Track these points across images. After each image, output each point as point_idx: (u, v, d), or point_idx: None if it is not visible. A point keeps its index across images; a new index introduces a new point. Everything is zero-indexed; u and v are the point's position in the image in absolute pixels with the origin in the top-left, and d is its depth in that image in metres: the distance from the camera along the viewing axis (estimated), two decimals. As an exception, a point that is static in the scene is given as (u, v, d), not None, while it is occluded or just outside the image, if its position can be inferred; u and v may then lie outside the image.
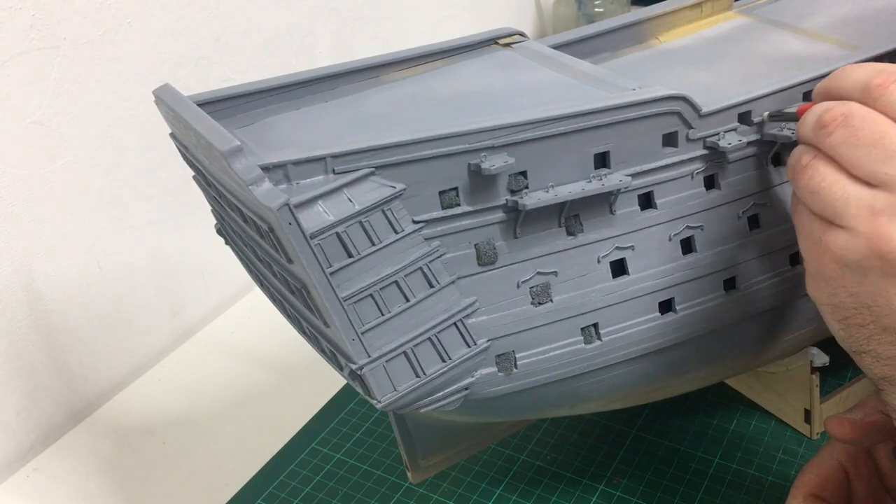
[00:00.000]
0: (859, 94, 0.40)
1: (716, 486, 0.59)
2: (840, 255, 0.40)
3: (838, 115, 0.40)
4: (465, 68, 0.51)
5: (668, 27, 0.58)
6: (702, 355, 0.50)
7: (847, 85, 0.41)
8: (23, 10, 0.64)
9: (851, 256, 0.40)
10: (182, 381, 0.77)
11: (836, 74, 0.42)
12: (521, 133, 0.41)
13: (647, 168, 0.45)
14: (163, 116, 0.44)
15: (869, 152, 0.39)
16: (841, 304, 0.41)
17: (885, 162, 0.38)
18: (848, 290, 0.41)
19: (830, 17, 0.58)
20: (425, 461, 0.54)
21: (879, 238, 0.38)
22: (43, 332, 0.71)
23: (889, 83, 0.39)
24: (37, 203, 0.69)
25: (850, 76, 0.41)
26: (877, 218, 0.38)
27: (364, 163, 0.39)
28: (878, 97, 0.39)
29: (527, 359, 0.45)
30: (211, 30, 0.80)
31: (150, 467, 0.68)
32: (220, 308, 0.87)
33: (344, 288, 0.39)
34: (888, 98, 0.39)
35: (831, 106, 0.41)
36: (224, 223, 0.49)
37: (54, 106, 0.68)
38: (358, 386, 0.43)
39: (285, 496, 0.62)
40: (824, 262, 0.41)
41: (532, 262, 0.44)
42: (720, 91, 0.48)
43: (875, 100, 0.39)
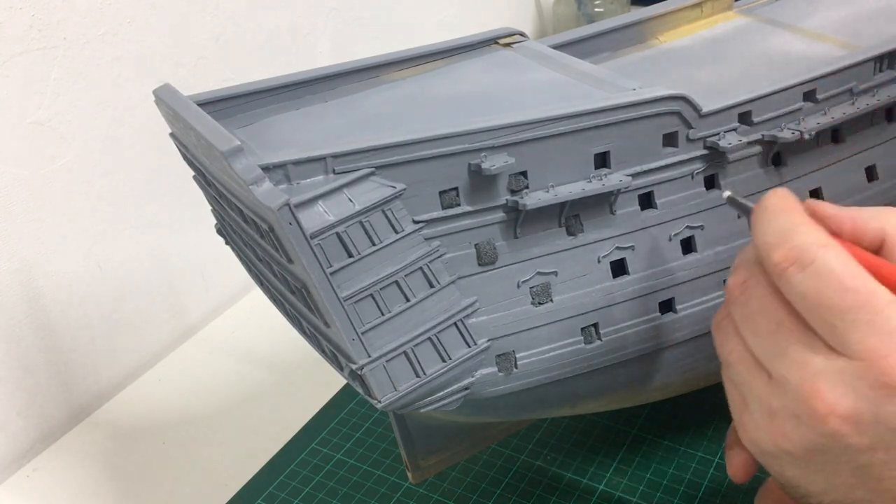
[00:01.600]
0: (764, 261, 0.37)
1: (716, 486, 0.59)
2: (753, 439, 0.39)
3: (738, 284, 0.38)
4: (465, 68, 0.51)
5: (668, 27, 0.58)
6: (702, 355, 0.50)
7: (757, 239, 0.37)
8: (23, 10, 0.64)
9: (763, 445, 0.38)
10: (182, 381, 0.77)
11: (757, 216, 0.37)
12: (521, 133, 0.41)
13: (647, 168, 0.45)
14: (163, 116, 0.44)
15: (763, 342, 0.37)
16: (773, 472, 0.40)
17: (776, 358, 0.36)
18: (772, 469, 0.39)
19: (830, 17, 0.58)
20: (425, 461, 0.54)
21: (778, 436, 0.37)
22: (43, 332, 0.71)
23: (787, 264, 0.35)
24: (37, 203, 0.69)
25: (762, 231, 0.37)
26: (773, 417, 0.37)
27: (364, 163, 0.39)
28: (778, 278, 0.36)
29: (527, 359, 0.45)
30: (211, 30, 0.80)
31: (150, 467, 0.68)
32: (220, 308, 0.87)
33: (344, 288, 0.39)
34: (787, 284, 0.35)
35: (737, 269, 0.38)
36: (224, 223, 0.49)
37: (54, 106, 0.68)
38: (358, 386, 0.43)
39: (285, 496, 0.62)
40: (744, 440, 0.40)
41: (532, 262, 0.44)
42: (720, 91, 0.48)
43: (777, 279, 0.36)
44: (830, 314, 0.35)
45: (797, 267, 0.35)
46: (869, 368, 0.34)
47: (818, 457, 0.36)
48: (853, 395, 0.34)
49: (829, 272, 0.35)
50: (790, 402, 0.36)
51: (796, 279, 0.35)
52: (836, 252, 0.35)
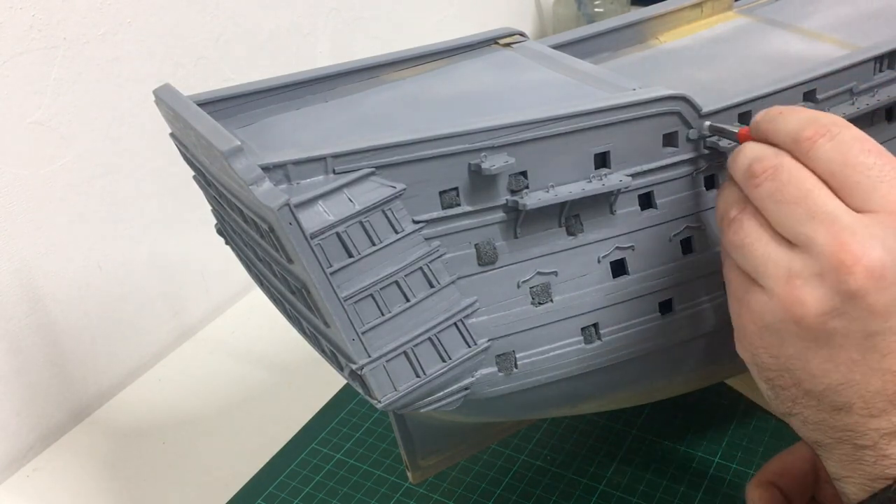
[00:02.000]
0: (790, 144, 0.39)
1: (716, 485, 0.59)
2: (758, 317, 0.39)
3: (768, 168, 0.39)
4: (465, 68, 0.51)
5: (668, 27, 0.58)
6: (703, 355, 0.50)
7: (781, 133, 0.40)
8: (23, 10, 0.64)
9: (769, 318, 0.39)
10: (182, 381, 0.77)
11: (773, 116, 0.40)
12: (521, 133, 0.41)
13: (647, 168, 0.45)
14: (163, 116, 0.44)
15: (791, 210, 0.38)
16: (763, 364, 0.41)
17: (804, 223, 0.37)
18: (768, 351, 0.40)
19: (830, 17, 0.58)
20: (425, 461, 0.54)
21: (794, 302, 0.37)
22: (43, 331, 0.71)
23: (817, 137, 0.38)
24: (37, 203, 0.69)
25: (785, 123, 0.40)
26: (792, 281, 0.37)
27: (364, 163, 0.39)
28: (807, 151, 0.38)
29: (527, 359, 0.45)
30: (211, 30, 0.80)
31: (150, 467, 0.68)
32: (220, 308, 0.87)
33: (344, 288, 0.39)
34: (815, 154, 0.38)
35: (763, 156, 0.39)
36: (224, 223, 0.49)
37: (54, 106, 0.68)
38: (358, 386, 0.43)
39: (285, 496, 0.62)
40: (745, 322, 0.40)
41: (532, 262, 0.44)
42: (720, 91, 0.48)
43: (804, 154, 0.38)
44: (856, 172, 0.37)
45: (826, 138, 0.38)
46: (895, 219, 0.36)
47: (832, 322, 0.37)
48: (880, 246, 0.36)
49: (853, 139, 0.38)
50: (814, 262, 0.37)
51: (825, 148, 0.38)
52: (855, 128, 0.39)
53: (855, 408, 0.38)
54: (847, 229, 0.36)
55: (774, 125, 0.40)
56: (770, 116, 0.41)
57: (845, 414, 0.38)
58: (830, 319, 0.37)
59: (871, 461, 0.38)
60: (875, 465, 0.38)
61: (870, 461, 0.38)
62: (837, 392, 0.38)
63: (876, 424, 0.38)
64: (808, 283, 0.37)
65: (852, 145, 0.38)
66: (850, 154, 0.37)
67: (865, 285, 0.36)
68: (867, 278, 0.36)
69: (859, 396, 0.38)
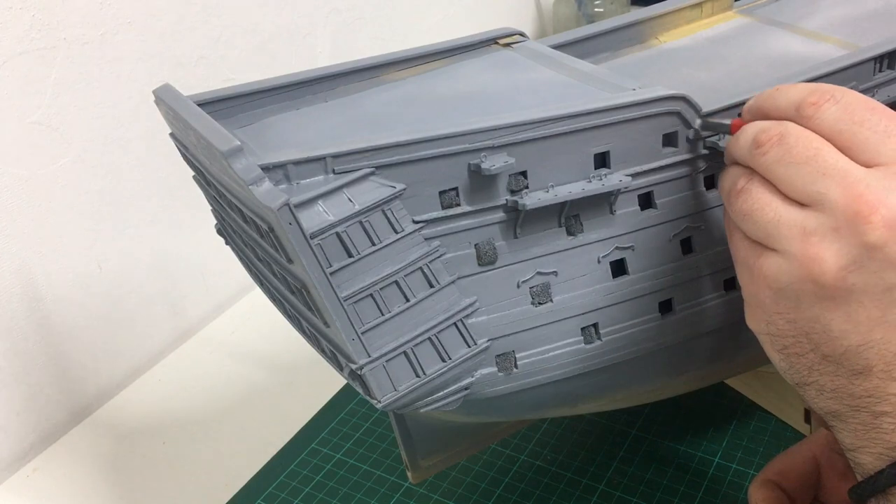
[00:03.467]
0: (793, 113, 0.39)
1: (716, 486, 0.59)
2: (773, 280, 0.39)
3: (774, 135, 0.39)
4: (465, 68, 0.51)
5: (668, 27, 0.58)
6: (703, 355, 0.50)
7: (782, 104, 0.40)
8: (23, 10, 0.64)
9: (785, 280, 0.39)
10: (182, 381, 0.77)
11: (769, 94, 0.41)
12: (521, 133, 0.41)
13: (647, 168, 0.45)
14: (163, 116, 0.44)
15: (801, 170, 0.38)
16: (779, 332, 0.40)
17: (816, 180, 0.37)
18: (784, 316, 0.40)
19: (830, 17, 0.58)
20: (425, 461, 0.54)
21: (811, 260, 0.37)
22: (43, 332, 0.71)
23: (823, 102, 0.38)
24: (37, 203, 0.69)
25: (785, 95, 0.40)
26: (808, 239, 0.37)
27: (364, 163, 0.39)
28: (812, 115, 0.39)
29: (527, 359, 0.45)
30: (211, 30, 0.80)
31: (150, 467, 0.68)
32: (220, 308, 0.87)
33: (344, 288, 0.39)
34: (821, 116, 0.38)
35: (767, 126, 0.40)
36: (224, 223, 0.49)
37: (54, 106, 0.68)
38: (358, 386, 0.43)
39: (285, 496, 0.62)
40: (759, 289, 0.40)
41: (532, 262, 0.44)
42: (720, 91, 0.48)
43: (809, 118, 0.39)
44: (864, 129, 0.38)
45: (831, 101, 0.39)
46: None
47: (851, 277, 0.37)
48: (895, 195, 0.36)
49: (857, 99, 0.39)
50: (829, 217, 0.37)
51: (831, 110, 0.38)
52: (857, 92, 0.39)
53: (875, 370, 0.38)
54: (861, 181, 0.36)
55: (774, 100, 0.40)
56: (767, 94, 0.41)
57: (864, 378, 0.38)
58: (850, 274, 0.37)
59: (889, 429, 0.38)
60: (894, 432, 0.38)
61: (888, 429, 0.38)
62: (857, 354, 0.38)
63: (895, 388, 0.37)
64: (824, 238, 0.37)
65: (857, 105, 0.38)
66: (856, 112, 0.38)
67: (884, 235, 0.36)
68: (885, 227, 0.36)
69: (880, 357, 0.37)
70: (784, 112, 0.40)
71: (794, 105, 0.39)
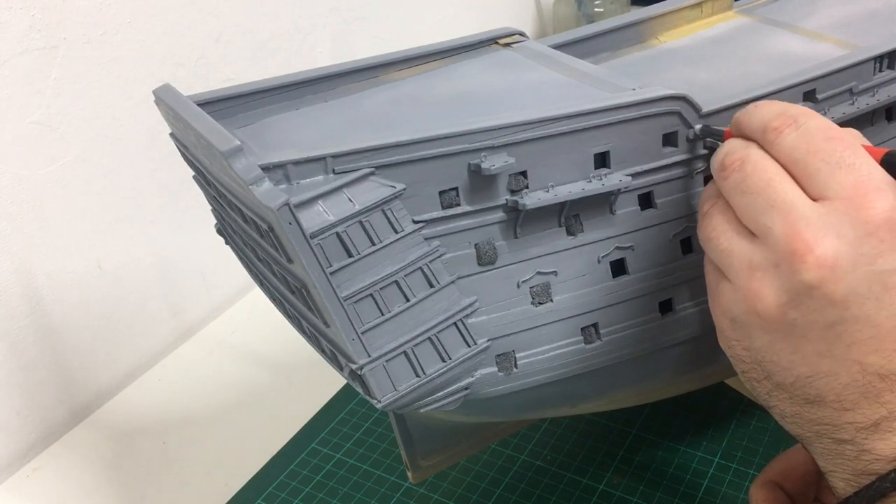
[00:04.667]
0: (759, 135, 0.39)
1: (716, 486, 0.59)
2: (727, 309, 0.40)
3: (736, 160, 0.39)
4: (465, 68, 0.51)
5: (668, 27, 0.58)
6: (703, 355, 0.50)
7: (753, 124, 0.40)
8: (23, 10, 0.64)
9: (735, 311, 0.39)
10: (182, 381, 0.77)
11: (747, 110, 0.41)
12: (521, 133, 0.41)
13: (647, 168, 0.45)
14: (163, 116, 0.44)
15: (754, 200, 0.38)
16: (738, 357, 0.41)
17: (765, 212, 0.37)
18: (740, 343, 0.40)
19: (830, 17, 0.58)
20: (425, 461, 0.54)
21: (754, 295, 0.37)
22: (43, 332, 0.71)
23: (784, 127, 0.38)
24: (37, 203, 0.69)
25: (757, 115, 0.40)
26: (753, 274, 0.37)
27: (364, 163, 0.39)
28: (773, 140, 0.38)
29: (527, 359, 0.45)
30: (211, 30, 0.80)
31: (150, 467, 0.68)
32: (220, 308, 0.87)
33: (344, 288, 0.39)
34: (781, 143, 0.38)
35: (733, 149, 0.40)
36: (224, 223, 0.49)
37: (54, 106, 0.68)
38: (358, 386, 0.43)
39: (285, 496, 0.62)
40: (717, 315, 0.41)
41: (532, 261, 0.44)
42: (720, 91, 0.48)
43: (770, 143, 0.38)
44: (815, 158, 0.37)
45: (792, 128, 0.38)
46: (850, 206, 0.36)
47: (792, 313, 0.37)
48: (833, 234, 0.36)
49: (817, 127, 0.38)
50: (771, 252, 0.37)
51: (791, 136, 0.38)
52: (823, 118, 0.39)
53: (827, 400, 0.38)
54: (802, 218, 0.36)
55: (748, 119, 0.40)
56: (746, 110, 0.41)
57: (818, 407, 0.38)
58: (789, 311, 0.37)
59: (852, 456, 0.38)
60: (857, 459, 0.38)
61: (851, 456, 0.38)
62: (807, 384, 0.38)
63: (850, 418, 0.37)
64: (766, 274, 0.37)
65: (816, 133, 0.37)
66: (813, 141, 0.37)
67: (818, 275, 0.35)
68: (819, 268, 0.35)
69: (829, 389, 0.37)
70: (754, 133, 0.40)
71: (761, 128, 0.39)
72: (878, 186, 0.36)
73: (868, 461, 0.37)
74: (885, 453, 0.37)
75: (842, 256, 0.35)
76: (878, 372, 0.36)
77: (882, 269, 0.35)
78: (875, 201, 0.35)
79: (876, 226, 0.35)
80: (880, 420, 0.37)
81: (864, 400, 0.37)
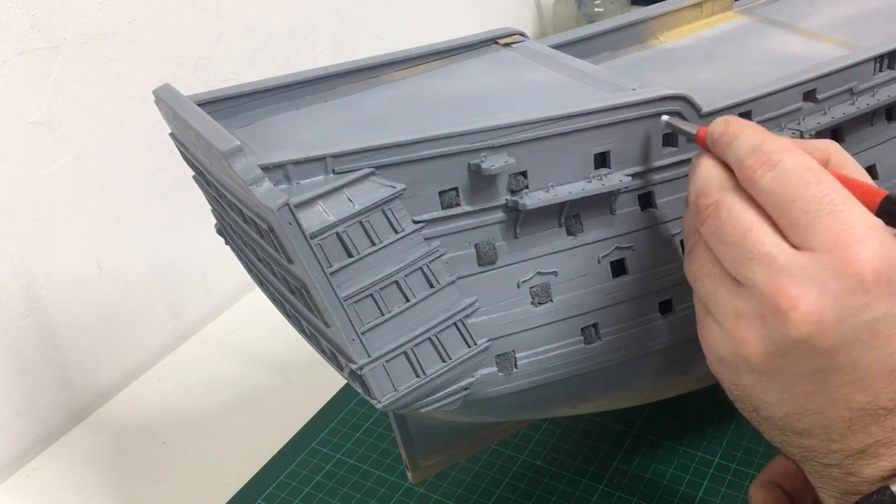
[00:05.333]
0: (736, 170, 0.38)
1: (716, 486, 0.59)
2: (713, 347, 0.40)
3: (710, 204, 0.38)
4: (465, 68, 0.51)
5: (668, 27, 0.58)
6: (703, 354, 0.50)
7: (729, 157, 0.39)
8: (23, 10, 0.64)
9: (721, 350, 0.39)
10: (182, 381, 0.77)
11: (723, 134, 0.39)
12: (521, 133, 0.41)
13: (647, 168, 0.45)
14: (163, 116, 0.44)
15: (732, 251, 0.37)
16: (726, 388, 0.41)
17: (745, 263, 0.36)
18: (727, 378, 0.40)
19: (830, 17, 0.58)
20: (425, 461, 0.54)
21: (740, 341, 0.37)
22: (43, 332, 0.71)
23: (757, 167, 0.37)
24: (37, 203, 0.69)
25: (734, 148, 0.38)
26: (738, 321, 0.37)
27: (364, 163, 0.39)
28: (748, 180, 0.37)
29: (527, 359, 0.45)
30: (211, 30, 0.80)
31: (150, 467, 0.68)
32: (220, 308, 0.87)
33: (344, 288, 0.39)
34: (756, 186, 0.37)
35: (706, 190, 0.39)
36: (224, 223, 0.49)
37: (54, 106, 0.68)
38: (358, 386, 0.43)
39: (285, 496, 0.62)
40: (704, 348, 0.41)
41: (532, 262, 0.44)
42: (720, 91, 0.48)
43: (746, 182, 0.37)
44: (794, 207, 0.36)
45: (766, 167, 0.37)
46: (832, 259, 0.35)
47: (779, 361, 0.37)
48: (817, 289, 0.35)
49: (793, 168, 0.36)
50: (755, 303, 0.36)
51: (765, 178, 0.36)
52: (800, 154, 0.37)
53: (815, 433, 0.38)
54: (783, 271, 0.35)
55: (724, 147, 0.39)
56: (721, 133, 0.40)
57: (807, 438, 0.38)
58: (776, 359, 0.37)
59: (839, 477, 0.38)
60: (844, 481, 0.38)
61: (838, 477, 0.38)
62: (796, 420, 0.38)
63: (837, 447, 0.38)
64: (752, 323, 0.37)
65: (791, 176, 0.36)
66: (789, 187, 0.36)
67: (804, 330, 0.35)
68: (805, 323, 0.35)
69: (817, 423, 0.38)
70: (727, 161, 0.39)
71: (736, 164, 0.38)
72: (860, 236, 0.35)
73: (854, 483, 0.38)
74: (870, 476, 0.37)
75: (827, 311, 0.35)
76: (864, 408, 0.36)
77: (869, 319, 0.35)
78: (858, 253, 0.34)
79: (861, 278, 0.34)
80: (867, 448, 0.37)
81: (850, 433, 0.37)
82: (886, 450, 0.37)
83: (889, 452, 0.37)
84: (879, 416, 0.36)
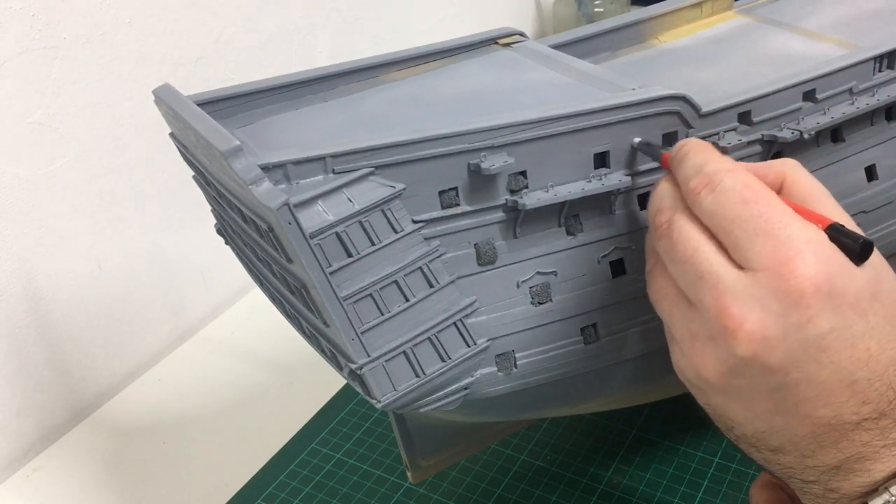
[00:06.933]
0: (683, 192, 0.39)
1: (716, 486, 0.59)
2: (676, 367, 0.40)
3: (663, 222, 0.39)
4: (465, 68, 0.51)
5: (668, 27, 0.58)
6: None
7: (679, 177, 0.39)
8: (23, 10, 0.64)
9: (685, 374, 0.39)
10: (182, 381, 0.77)
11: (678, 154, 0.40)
12: (520, 133, 0.41)
13: (647, 168, 0.45)
14: (163, 116, 0.44)
15: (683, 270, 0.37)
16: (704, 408, 0.41)
17: (694, 283, 0.37)
18: (700, 399, 0.40)
19: (830, 17, 0.58)
20: (425, 461, 0.54)
21: (696, 363, 0.38)
22: (43, 332, 0.71)
23: (700, 189, 0.37)
24: (37, 203, 0.69)
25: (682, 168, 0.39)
26: (693, 343, 0.38)
27: (364, 163, 0.39)
28: (693, 202, 0.38)
29: (526, 358, 0.45)
30: (211, 30, 0.80)
31: (150, 467, 0.68)
32: (220, 308, 0.87)
33: (344, 288, 0.39)
34: (700, 208, 0.37)
35: (661, 208, 0.39)
36: (224, 223, 0.49)
37: (54, 106, 0.68)
38: (358, 386, 0.43)
39: (285, 496, 0.62)
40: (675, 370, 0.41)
41: (532, 261, 0.44)
42: (720, 91, 0.48)
43: (690, 203, 0.38)
44: (734, 227, 0.36)
45: (708, 189, 0.37)
46: (771, 277, 0.35)
47: (735, 381, 0.37)
48: (759, 308, 0.35)
49: (731, 189, 0.37)
50: (705, 324, 0.37)
51: (707, 200, 0.37)
52: (740, 174, 0.37)
53: (787, 450, 0.38)
54: (727, 292, 0.36)
55: (676, 162, 0.40)
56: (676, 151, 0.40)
57: (781, 455, 0.39)
58: (732, 379, 0.37)
59: (819, 493, 0.39)
60: (824, 497, 0.38)
61: (819, 493, 0.39)
62: (766, 437, 0.38)
63: (812, 463, 0.38)
64: (706, 345, 0.37)
65: (731, 196, 0.36)
66: (728, 207, 0.36)
67: (751, 348, 0.35)
68: (750, 342, 0.35)
69: (787, 440, 0.38)
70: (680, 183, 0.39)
71: (683, 185, 0.39)
72: (798, 251, 0.35)
73: (834, 499, 0.38)
74: (849, 491, 0.37)
75: (770, 329, 0.35)
76: (829, 423, 0.36)
77: (815, 334, 0.35)
78: (796, 269, 0.35)
79: (800, 294, 0.34)
80: (841, 463, 0.37)
81: (820, 449, 0.37)
82: (860, 465, 0.37)
83: (863, 468, 0.37)
84: (846, 430, 0.36)
